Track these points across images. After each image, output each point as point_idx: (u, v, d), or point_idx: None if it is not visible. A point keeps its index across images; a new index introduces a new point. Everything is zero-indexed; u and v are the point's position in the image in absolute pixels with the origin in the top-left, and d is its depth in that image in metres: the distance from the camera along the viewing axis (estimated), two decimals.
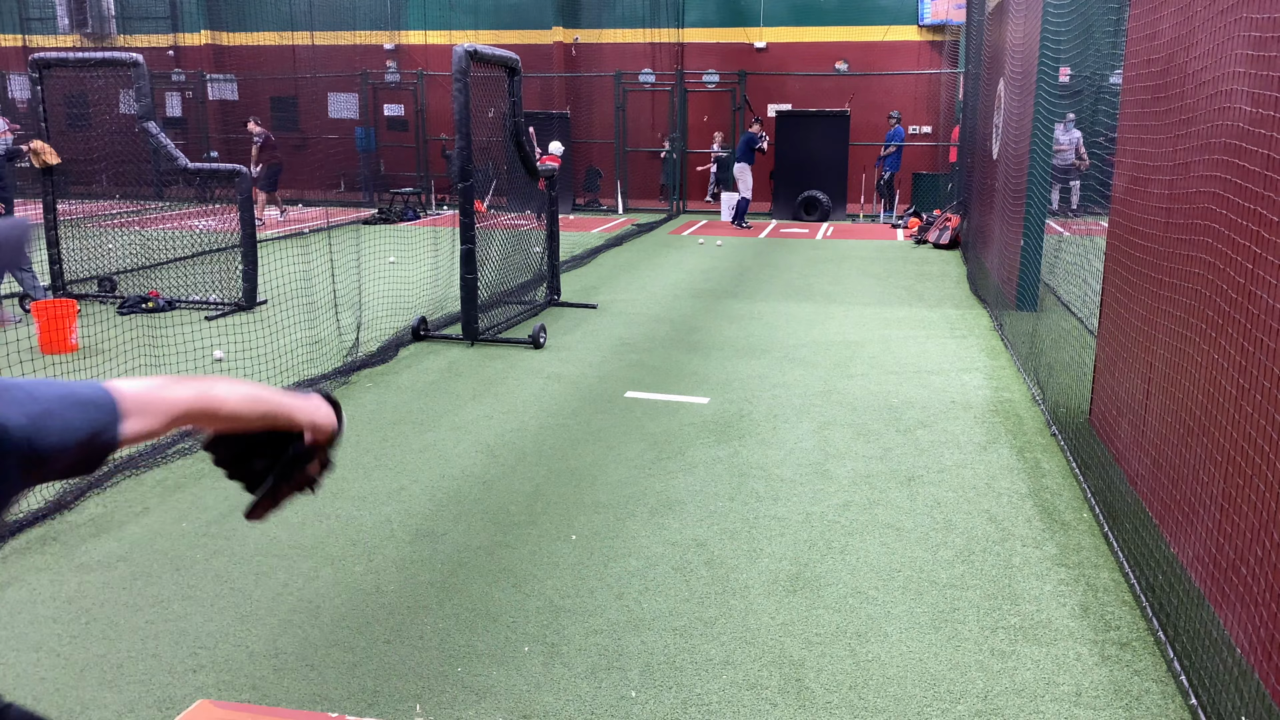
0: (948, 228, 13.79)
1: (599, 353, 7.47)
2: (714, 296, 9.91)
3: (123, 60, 8.77)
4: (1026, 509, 4.49)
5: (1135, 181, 4.56)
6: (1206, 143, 3.55)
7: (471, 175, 7.57)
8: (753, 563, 3.95)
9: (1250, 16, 3.16)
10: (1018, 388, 6.50)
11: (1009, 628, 3.45)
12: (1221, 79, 3.41)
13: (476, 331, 7.75)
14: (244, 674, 3.16)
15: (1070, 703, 3.02)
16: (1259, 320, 2.99)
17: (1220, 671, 2.95)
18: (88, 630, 3.42)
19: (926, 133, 18.84)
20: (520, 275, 9.15)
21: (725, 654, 3.29)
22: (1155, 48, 4.30)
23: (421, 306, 8.71)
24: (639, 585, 3.77)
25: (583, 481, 4.83)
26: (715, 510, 4.47)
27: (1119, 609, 3.59)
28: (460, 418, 5.83)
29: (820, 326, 8.44)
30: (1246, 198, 3.12)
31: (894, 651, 3.31)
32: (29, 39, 20.75)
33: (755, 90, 19.33)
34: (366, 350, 7.27)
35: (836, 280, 10.95)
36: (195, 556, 3.99)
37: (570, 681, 3.14)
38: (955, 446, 5.33)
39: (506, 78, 8.24)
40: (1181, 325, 3.73)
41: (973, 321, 8.68)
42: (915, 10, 18.83)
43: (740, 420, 5.79)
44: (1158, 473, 3.97)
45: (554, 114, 18.41)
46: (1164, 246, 4.01)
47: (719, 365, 7.08)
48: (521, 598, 3.67)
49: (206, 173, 9.92)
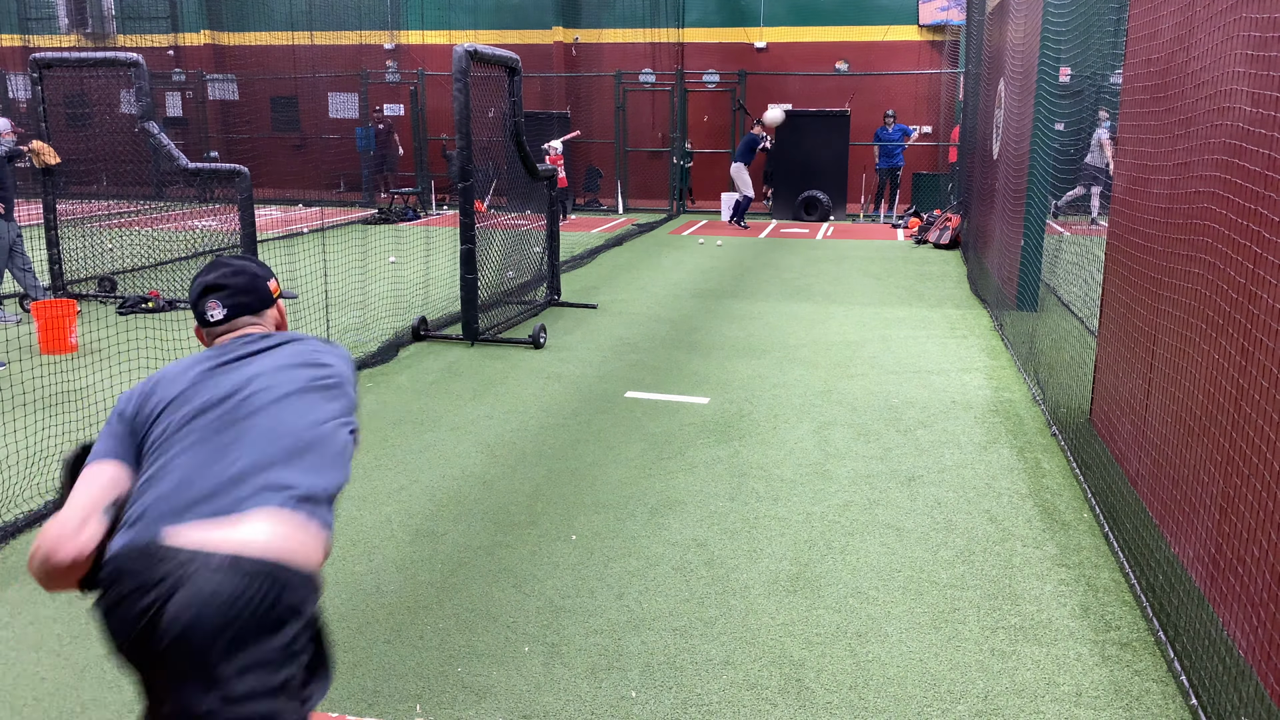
0: (948, 228, 13.79)
1: (599, 353, 7.47)
2: (714, 296, 9.91)
3: (123, 60, 8.77)
4: (1027, 509, 4.49)
5: (1135, 181, 4.56)
6: (1206, 143, 3.55)
7: (471, 175, 7.58)
8: (753, 563, 3.95)
9: (1250, 16, 3.16)
10: (1018, 388, 6.50)
11: (1009, 628, 3.45)
12: (1221, 79, 3.41)
13: (476, 331, 7.75)
14: None
15: (1070, 703, 3.02)
16: (1259, 320, 2.98)
17: (1220, 671, 2.95)
18: (88, 630, 3.42)
19: (927, 133, 18.83)
20: (520, 275, 9.16)
21: (725, 654, 3.29)
22: (1155, 47, 4.30)
23: (421, 307, 8.72)
24: (639, 585, 3.77)
25: (583, 481, 4.83)
26: (715, 510, 4.47)
27: (1119, 609, 3.59)
28: (460, 418, 5.83)
29: (820, 326, 8.44)
30: (1247, 198, 3.12)
31: (894, 651, 3.31)
32: (29, 39, 20.76)
33: (755, 90, 19.33)
34: (366, 350, 7.27)
35: (836, 280, 10.95)
36: None
37: (570, 681, 3.14)
38: (955, 446, 5.33)
39: (506, 78, 8.24)
40: (1182, 325, 3.73)
41: (973, 321, 8.68)
42: (915, 10, 18.83)
43: (740, 420, 5.79)
44: (1158, 473, 3.97)
45: (554, 114, 18.41)
46: (1164, 246, 4.01)
47: (719, 365, 7.08)
48: (521, 598, 3.67)
49: (207, 173, 9.91)
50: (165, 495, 1.88)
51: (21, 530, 4.18)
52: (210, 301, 2.23)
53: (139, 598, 1.78)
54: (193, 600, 1.74)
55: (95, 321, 8.08)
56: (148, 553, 1.81)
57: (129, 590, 1.79)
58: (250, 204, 9.20)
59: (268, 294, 2.31)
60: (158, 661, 1.78)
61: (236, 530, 1.83)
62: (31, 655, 3.28)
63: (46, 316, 7.24)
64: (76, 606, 3.58)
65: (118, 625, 1.82)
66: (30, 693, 3.07)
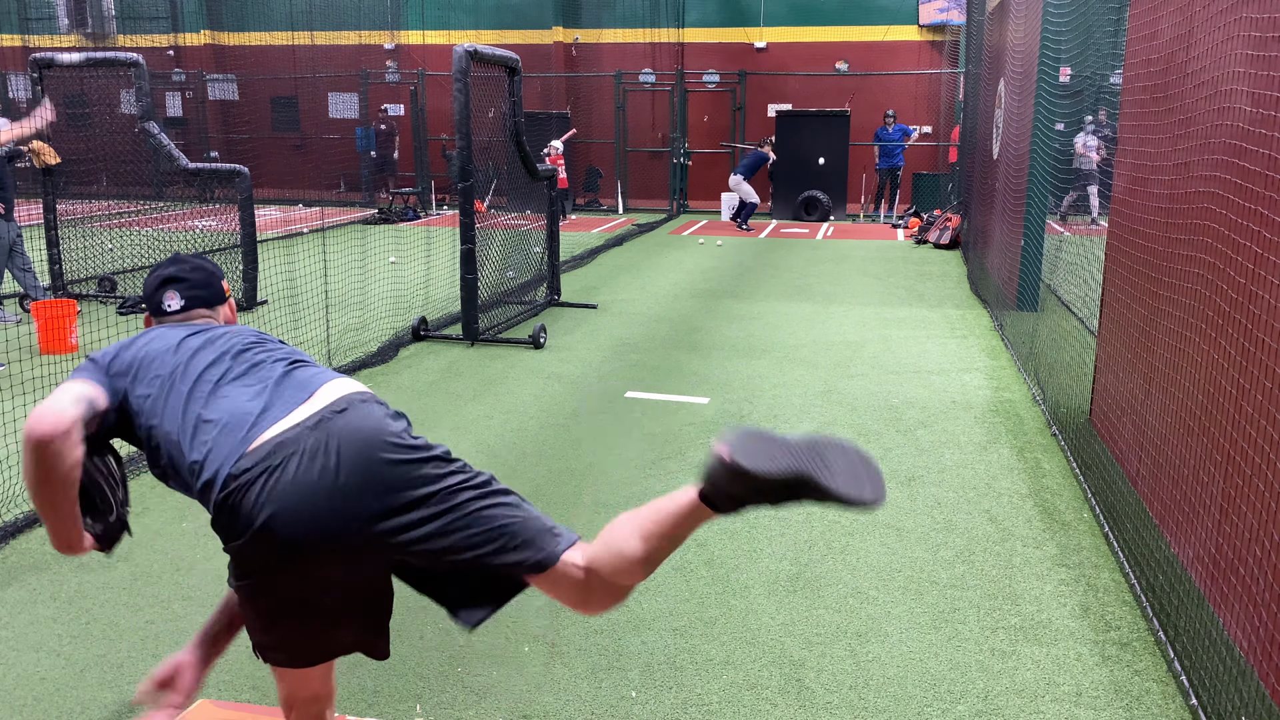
0: (948, 228, 13.79)
1: (599, 353, 7.47)
2: (714, 296, 9.91)
3: (123, 60, 8.77)
4: (1027, 509, 4.49)
5: (1135, 181, 4.56)
6: (1206, 143, 3.54)
7: (472, 175, 7.57)
8: (753, 563, 3.95)
9: (1250, 16, 3.16)
10: (1018, 388, 6.50)
11: (1009, 628, 3.45)
12: (1221, 79, 3.41)
13: (476, 331, 7.75)
14: (244, 674, 3.16)
15: (1070, 703, 3.02)
16: (1259, 320, 2.98)
17: (1220, 671, 2.95)
18: (88, 630, 3.42)
19: (927, 133, 18.83)
20: (520, 275, 9.16)
21: (725, 654, 3.29)
22: (1155, 47, 4.30)
23: (421, 307, 8.72)
24: (639, 585, 3.76)
25: (583, 481, 4.83)
26: None
27: (1119, 609, 3.59)
28: (460, 418, 5.83)
29: (820, 326, 8.44)
30: (1247, 198, 3.12)
31: (894, 651, 3.31)
32: (29, 39, 20.75)
33: (755, 90, 19.33)
34: (366, 350, 7.27)
35: (837, 280, 10.95)
36: (195, 556, 3.99)
37: (570, 681, 3.14)
38: (955, 446, 5.33)
39: (506, 78, 8.24)
40: (1182, 325, 3.72)
41: (973, 321, 8.68)
42: (915, 10, 18.83)
43: (741, 420, 5.79)
44: (1158, 473, 3.96)
45: (554, 114, 18.41)
46: (1164, 246, 4.01)
47: (719, 365, 7.08)
48: (522, 597, 3.65)
49: (207, 173, 9.91)
50: (228, 426, 1.95)
51: (21, 530, 4.18)
52: (169, 293, 2.33)
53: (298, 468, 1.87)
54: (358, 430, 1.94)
55: (95, 321, 8.07)
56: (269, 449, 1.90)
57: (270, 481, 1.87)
58: (250, 204, 9.20)
59: (221, 291, 2.42)
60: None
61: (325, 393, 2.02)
62: (31, 655, 3.28)
63: (46, 316, 7.24)
64: (76, 606, 3.58)
65: (285, 509, 1.87)
66: (30, 693, 3.07)
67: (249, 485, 1.86)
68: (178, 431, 1.99)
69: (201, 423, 1.98)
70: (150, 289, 2.35)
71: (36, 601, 3.62)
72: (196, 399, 2.02)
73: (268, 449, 1.89)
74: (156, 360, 2.10)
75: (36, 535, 4.17)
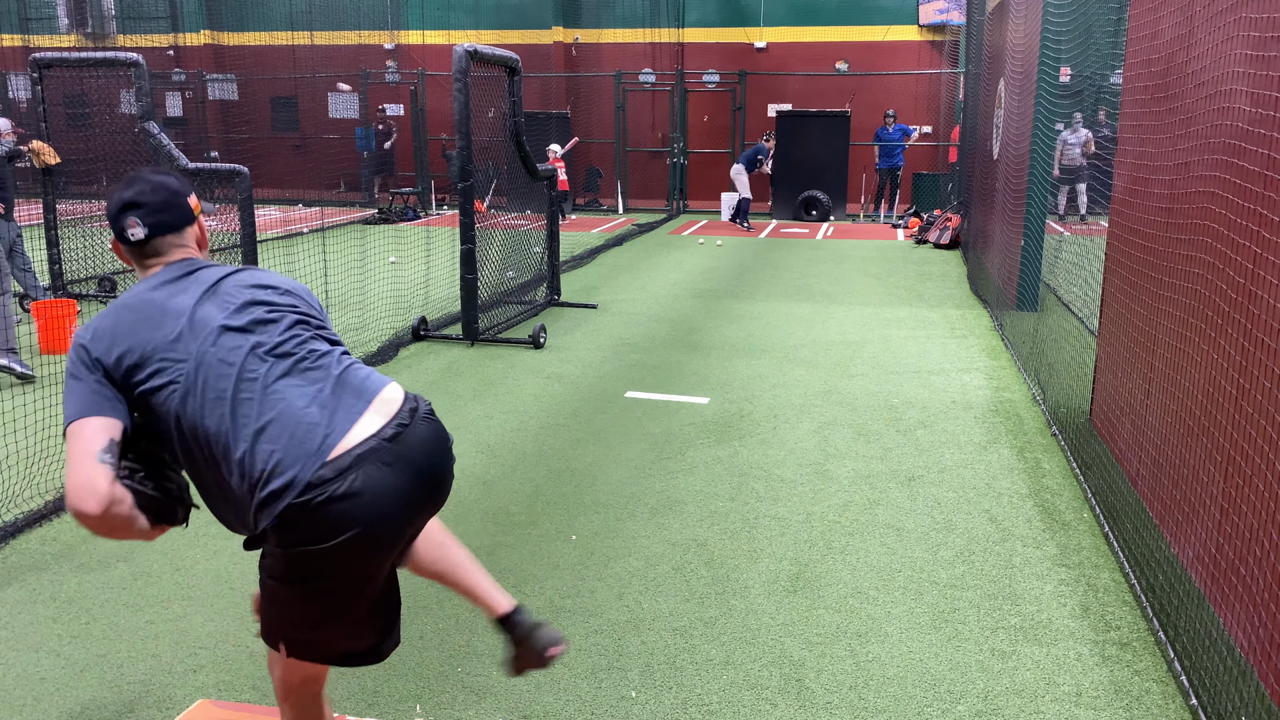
0: (948, 228, 13.79)
1: (599, 353, 7.47)
2: (714, 296, 9.91)
3: (123, 60, 8.77)
4: (1027, 509, 4.49)
5: (1135, 181, 4.56)
6: (1206, 142, 3.54)
7: (471, 175, 7.57)
8: (753, 563, 3.95)
9: (1250, 16, 3.16)
10: (1018, 388, 6.50)
11: (1009, 628, 3.45)
12: (1221, 79, 3.41)
13: (476, 331, 7.75)
14: (244, 674, 3.16)
15: (1070, 703, 3.02)
16: (1259, 320, 2.98)
17: (1220, 671, 2.95)
18: (88, 630, 3.42)
19: (927, 133, 18.83)
20: (520, 275, 9.15)
21: (725, 654, 3.29)
22: (1155, 47, 4.30)
23: (421, 307, 8.71)
24: (639, 585, 3.76)
25: (583, 481, 4.83)
26: (715, 510, 4.47)
27: (1119, 609, 3.59)
28: (460, 418, 5.83)
29: (820, 326, 8.44)
30: (1247, 198, 3.12)
31: (894, 651, 3.31)
32: (29, 39, 20.74)
33: (755, 90, 19.33)
34: (367, 350, 7.27)
35: (836, 280, 10.95)
36: (195, 556, 3.99)
37: (570, 681, 3.14)
38: (955, 446, 5.33)
39: (506, 78, 8.24)
40: (1182, 325, 3.72)
41: (973, 321, 8.68)
42: (915, 10, 18.83)
43: (740, 420, 5.79)
44: (1158, 473, 3.96)
45: (554, 114, 18.40)
46: (1164, 246, 4.01)
47: (719, 365, 7.08)
48: (522, 598, 3.67)
49: (206, 172, 9.90)
50: (295, 433, 1.97)
51: (21, 530, 4.18)
52: (130, 219, 2.14)
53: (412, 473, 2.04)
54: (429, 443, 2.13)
55: None
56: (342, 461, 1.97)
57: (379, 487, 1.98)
58: (250, 204, 9.18)
59: (188, 210, 2.22)
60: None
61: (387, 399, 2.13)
62: (31, 655, 3.28)
63: (46, 316, 7.24)
64: (76, 606, 3.58)
65: (377, 511, 1.98)
66: (30, 693, 3.07)
67: (335, 495, 1.91)
68: (227, 431, 1.95)
69: (259, 425, 1.95)
70: (112, 213, 2.16)
71: (36, 601, 3.62)
72: (245, 400, 1.98)
73: (349, 460, 1.95)
74: (166, 345, 2.00)
75: (36, 535, 4.17)
